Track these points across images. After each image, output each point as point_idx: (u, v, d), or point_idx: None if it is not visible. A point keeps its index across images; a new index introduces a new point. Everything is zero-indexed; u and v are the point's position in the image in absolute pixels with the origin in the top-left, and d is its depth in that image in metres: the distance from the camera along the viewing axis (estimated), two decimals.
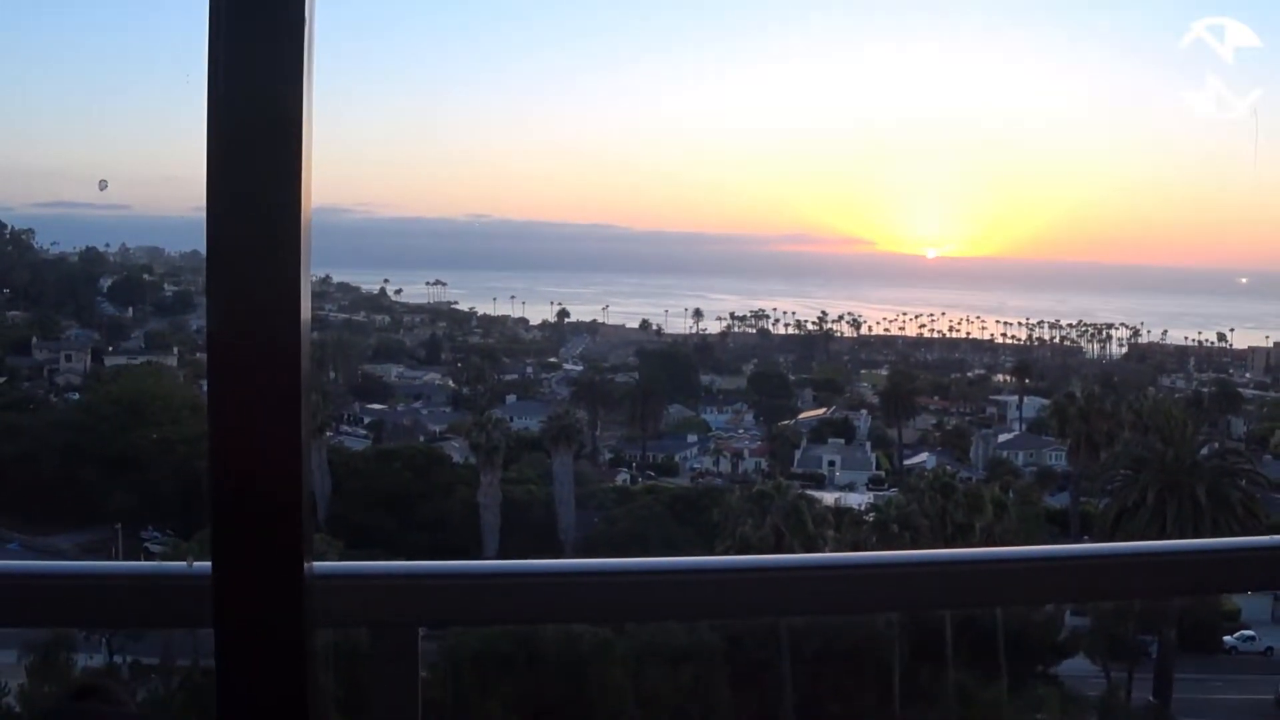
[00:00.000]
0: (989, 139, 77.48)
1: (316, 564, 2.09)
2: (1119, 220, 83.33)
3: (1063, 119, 76.68)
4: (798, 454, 55.70)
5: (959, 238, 77.91)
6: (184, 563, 2.42)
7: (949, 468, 45.40)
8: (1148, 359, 72.16)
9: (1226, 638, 36.05)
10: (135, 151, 72.33)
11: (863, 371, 70.96)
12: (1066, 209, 77.05)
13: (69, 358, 57.00)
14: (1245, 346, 72.89)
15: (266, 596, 2.04)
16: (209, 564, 2.05)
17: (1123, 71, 79.51)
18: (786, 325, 75.98)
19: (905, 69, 79.78)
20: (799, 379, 67.63)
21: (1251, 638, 36.22)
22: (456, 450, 49.67)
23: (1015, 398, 64.55)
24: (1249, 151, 67.29)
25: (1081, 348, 75.98)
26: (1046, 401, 56.44)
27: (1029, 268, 79.05)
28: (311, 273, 2.05)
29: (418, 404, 60.85)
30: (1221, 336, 73.64)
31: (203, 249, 1.99)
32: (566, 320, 75.25)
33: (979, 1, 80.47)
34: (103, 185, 57.81)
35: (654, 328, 75.20)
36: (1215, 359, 72.31)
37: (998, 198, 77.74)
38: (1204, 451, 39.52)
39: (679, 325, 75.06)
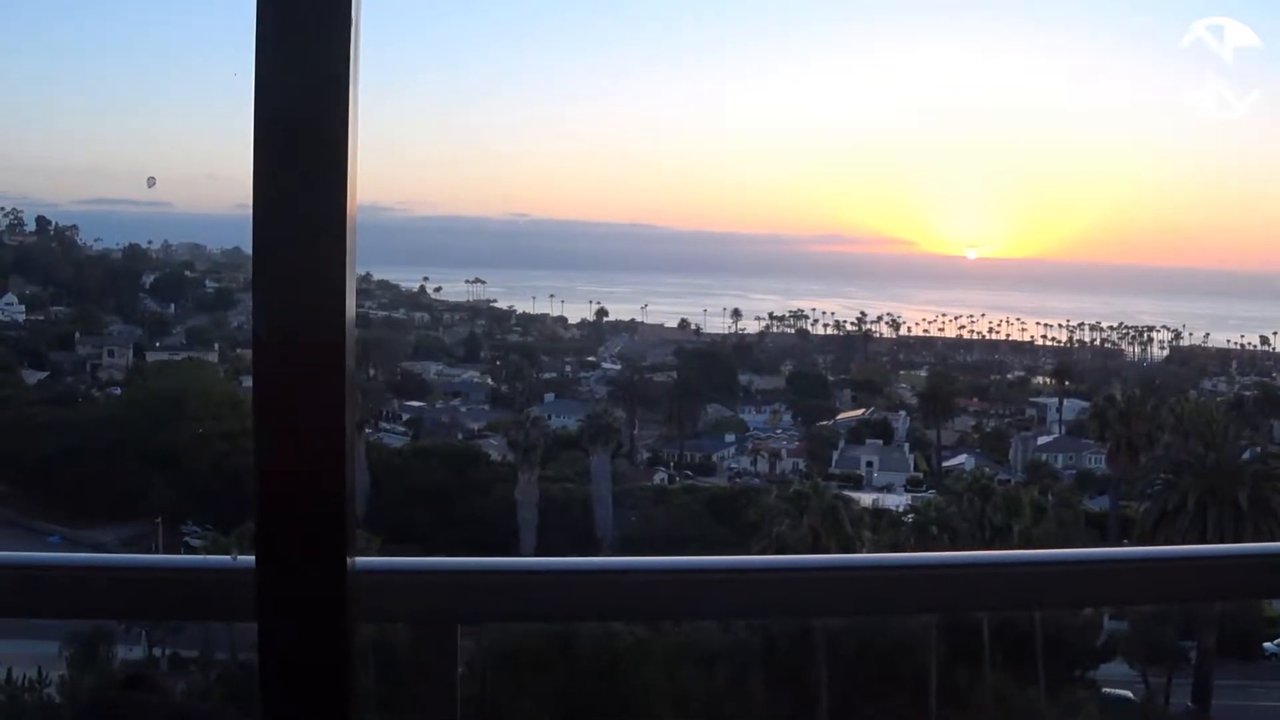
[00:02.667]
0: (1032, 138, 76.94)
1: (358, 559, 2.11)
2: (1160, 222, 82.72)
3: (1103, 118, 76.09)
4: (835, 454, 55.54)
5: (1000, 238, 77.52)
6: (228, 556, 2.45)
7: (988, 470, 45.24)
8: (1189, 362, 71.54)
9: (1267, 644, 35.72)
10: (177, 149, 72.77)
11: (901, 372, 70.64)
12: (1108, 210, 76.56)
13: (111, 353, 57.48)
14: None
15: (310, 591, 2.06)
16: (253, 558, 2.08)
17: (1161, 70, 78.96)
18: (825, 326, 75.75)
19: (941, 69, 79.38)
20: (837, 379, 67.46)
21: None
22: (495, 448, 49.79)
23: (1055, 400, 64.14)
24: None
25: (1122, 350, 75.43)
26: (1086, 404, 56.07)
27: (1070, 269, 78.53)
28: None
29: (456, 401, 60.96)
30: (1264, 340, 72.95)
31: (244, 246, 2.03)
32: (605, 319, 75.22)
33: (1024, 5, 79.94)
34: (151, 182, 58.26)
35: (692, 327, 75.08)
36: (1258, 362, 71.64)
37: (1039, 198, 77.31)
38: (1246, 455, 39.18)
39: (717, 325, 74.96)
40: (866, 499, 43.70)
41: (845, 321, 75.90)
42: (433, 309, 73.58)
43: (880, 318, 76.32)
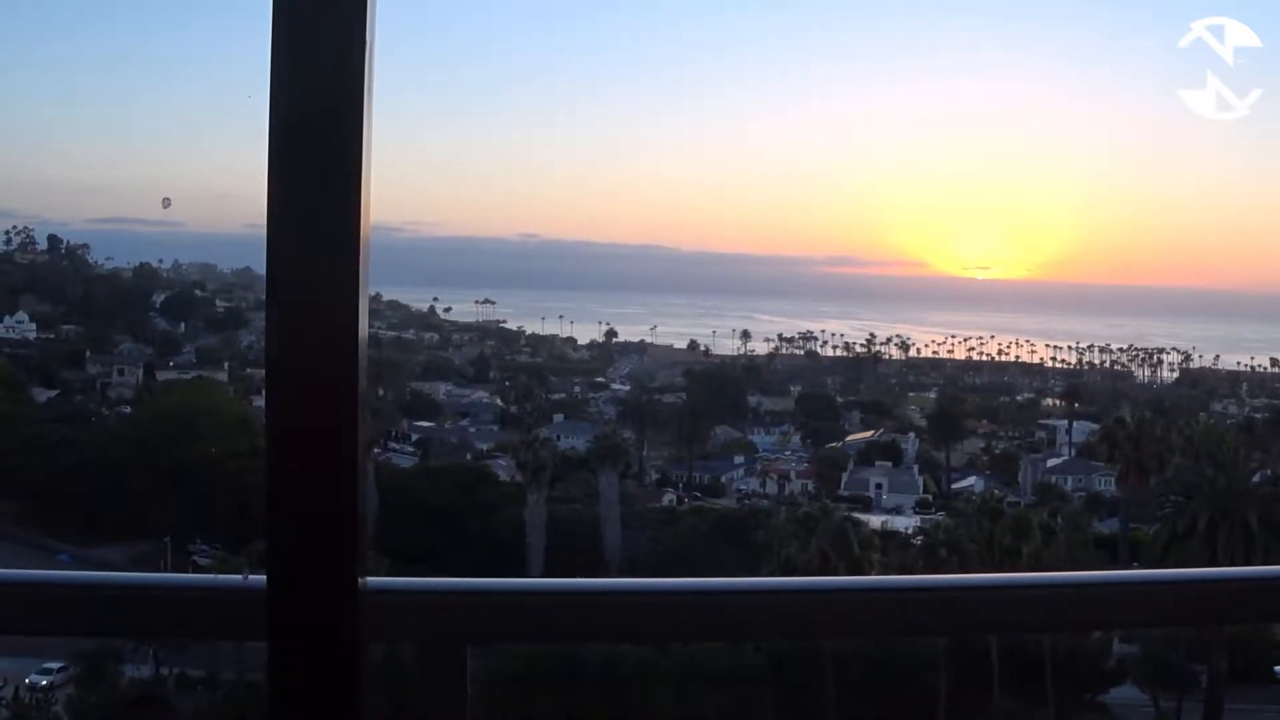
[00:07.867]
0: (1041, 158, 76.90)
1: (368, 579, 2.11)
2: (1170, 243, 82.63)
3: (1108, 131, 76.16)
4: (844, 476, 55.45)
5: (1010, 259, 77.43)
6: (239, 575, 2.45)
7: (997, 492, 45.13)
8: (1199, 384, 71.39)
9: (1278, 668, 35.56)
10: (189, 168, 72.85)
11: (911, 394, 70.56)
12: (1116, 229, 76.57)
13: (121, 372, 57.55)
14: None
15: (320, 610, 2.06)
16: (264, 577, 2.08)
17: (1162, 77, 78.95)
18: (834, 347, 75.74)
19: (950, 91, 79.40)
20: (846, 401, 67.38)
21: None
22: (503, 469, 49.77)
23: (1064, 422, 64.00)
24: None
25: (1132, 372, 75.29)
26: (1096, 426, 55.94)
27: (1080, 291, 78.45)
28: None
29: (465, 422, 60.98)
30: (1275, 362, 72.80)
31: (255, 265, 2.03)
32: (614, 340, 75.22)
33: (1020, 21, 79.96)
34: (166, 203, 58.33)
35: (702, 348, 75.02)
36: (1268, 384, 71.46)
37: (1049, 218, 77.20)
38: (1256, 478, 39.11)
39: (727, 346, 74.93)
40: (875, 521, 43.62)
41: (855, 343, 75.91)
42: (442, 329, 73.63)
43: (890, 339, 76.30)
